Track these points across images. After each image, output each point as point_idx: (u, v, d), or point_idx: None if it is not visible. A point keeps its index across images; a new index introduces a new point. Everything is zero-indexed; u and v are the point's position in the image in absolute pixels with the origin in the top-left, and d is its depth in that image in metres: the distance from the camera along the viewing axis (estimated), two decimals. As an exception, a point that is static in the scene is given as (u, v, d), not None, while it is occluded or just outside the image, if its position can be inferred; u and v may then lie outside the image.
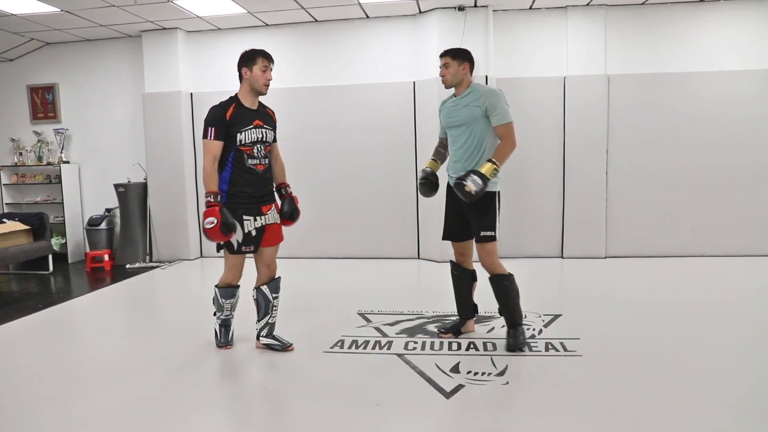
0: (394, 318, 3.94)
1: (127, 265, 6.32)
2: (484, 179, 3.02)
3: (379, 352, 3.29)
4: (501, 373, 2.92)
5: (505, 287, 3.25)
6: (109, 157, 6.75)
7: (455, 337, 3.50)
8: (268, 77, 3.12)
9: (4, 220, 5.80)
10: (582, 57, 5.75)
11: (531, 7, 5.78)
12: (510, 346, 3.23)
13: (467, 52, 3.29)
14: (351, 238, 6.27)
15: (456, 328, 3.53)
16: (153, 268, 6.17)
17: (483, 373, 2.92)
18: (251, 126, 3.10)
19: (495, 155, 3.11)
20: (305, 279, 5.28)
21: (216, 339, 3.43)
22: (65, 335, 4.04)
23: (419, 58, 5.86)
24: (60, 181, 6.61)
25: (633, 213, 5.89)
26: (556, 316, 3.86)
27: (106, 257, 6.35)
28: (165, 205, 6.46)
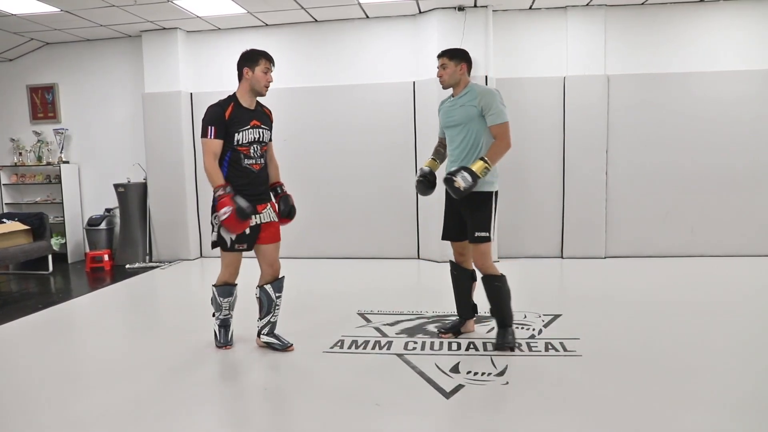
0: (394, 318, 3.94)
1: (127, 265, 6.32)
2: (474, 176, 3.03)
3: (379, 352, 3.29)
4: (501, 373, 2.92)
5: (497, 288, 3.25)
6: (109, 157, 6.75)
7: (455, 337, 3.50)
8: (270, 79, 3.14)
9: (4, 220, 5.80)
10: (582, 57, 5.75)
11: (531, 7, 5.78)
12: (498, 346, 3.25)
13: (464, 53, 3.29)
14: (351, 238, 6.27)
15: (456, 328, 3.53)
16: (153, 268, 6.17)
17: (483, 373, 2.92)
18: (249, 126, 3.10)
19: (487, 154, 3.11)
20: (305, 279, 5.28)
21: (215, 339, 3.43)
22: (65, 335, 4.03)
23: (419, 58, 5.86)
24: (60, 181, 6.61)
25: (633, 213, 5.89)
26: (556, 316, 3.86)
27: (106, 257, 6.35)
28: (165, 205, 6.46)
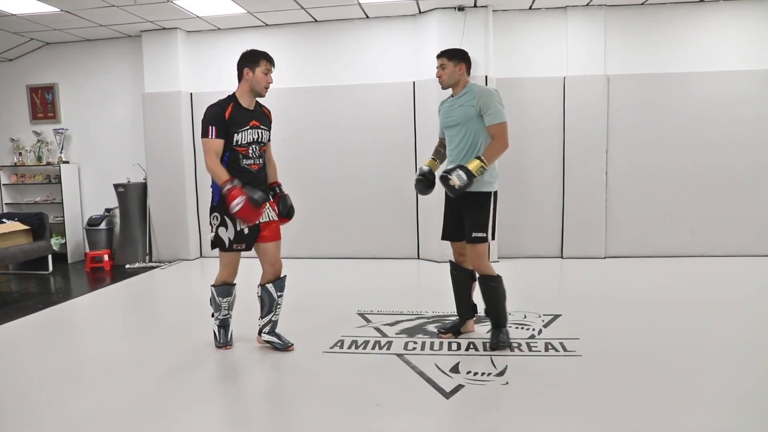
0: (394, 318, 3.94)
1: (127, 265, 6.32)
2: (470, 175, 3.04)
3: (379, 353, 3.29)
4: (501, 373, 2.92)
5: (492, 288, 3.26)
6: (109, 157, 6.75)
7: (455, 337, 3.50)
8: (270, 80, 3.14)
9: (4, 220, 5.80)
10: (582, 57, 5.75)
11: (531, 8, 5.78)
12: (492, 346, 3.26)
13: (463, 53, 3.29)
14: (351, 238, 6.27)
15: (455, 328, 3.53)
16: (153, 268, 6.17)
17: (483, 374, 2.92)
18: (248, 127, 3.10)
19: (484, 153, 3.11)
20: (305, 279, 5.27)
21: (215, 339, 3.42)
22: (65, 335, 4.03)
23: (419, 58, 5.86)
24: (60, 181, 6.61)
25: (633, 213, 5.89)
26: (556, 316, 3.86)
27: (106, 257, 6.35)
28: (165, 205, 6.46)
